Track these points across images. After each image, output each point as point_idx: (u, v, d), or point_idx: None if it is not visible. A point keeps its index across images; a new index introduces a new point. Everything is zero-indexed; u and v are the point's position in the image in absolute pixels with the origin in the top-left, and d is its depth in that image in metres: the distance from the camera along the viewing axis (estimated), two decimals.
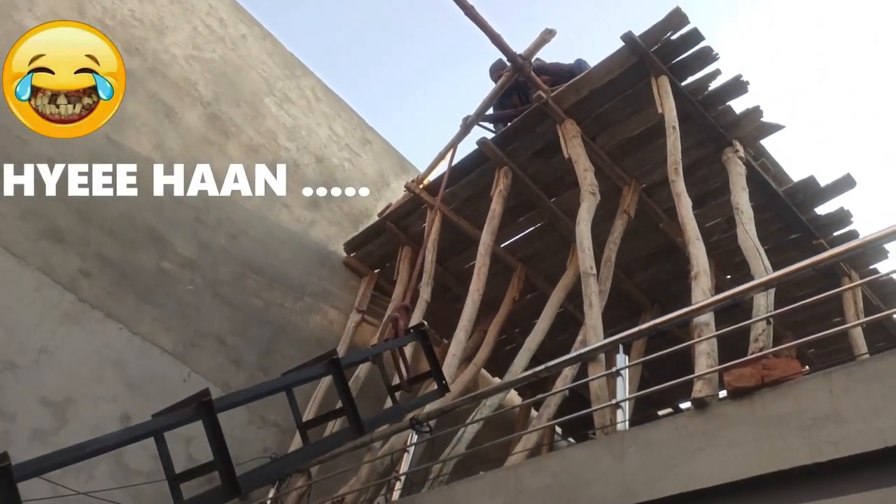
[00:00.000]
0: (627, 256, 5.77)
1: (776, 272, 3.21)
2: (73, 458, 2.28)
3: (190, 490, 2.76)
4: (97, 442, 2.33)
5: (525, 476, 3.15)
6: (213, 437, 2.57)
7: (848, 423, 2.24)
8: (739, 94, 4.83)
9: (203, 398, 2.58)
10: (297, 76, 7.63)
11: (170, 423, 2.58)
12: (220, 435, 2.59)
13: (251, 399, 2.96)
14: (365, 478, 4.61)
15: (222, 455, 2.57)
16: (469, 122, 6.00)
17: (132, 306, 5.30)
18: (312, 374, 3.28)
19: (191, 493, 2.72)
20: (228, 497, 2.60)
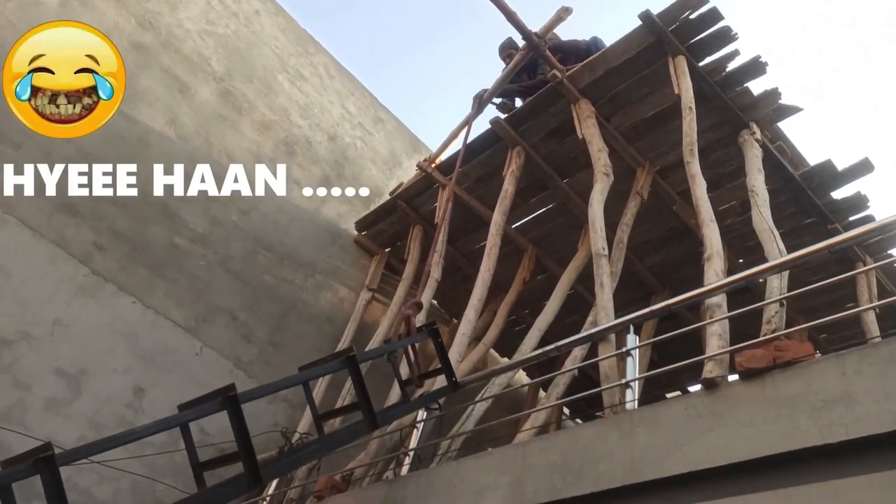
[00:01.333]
0: (639, 239, 5.74)
1: (791, 254, 3.18)
2: (109, 447, 2.44)
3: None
4: (132, 433, 2.51)
5: (533, 453, 3.17)
6: (238, 430, 2.68)
7: (859, 404, 2.23)
8: (758, 75, 4.75)
9: (229, 392, 2.68)
10: (311, 53, 7.59)
11: (196, 416, 2.69)
12: (244, 427, 2.69)
13: (272, 392, 3.08)
14: (374, 452, 4.65)
15: (246, 447, 2.68)
16: (483, 99, 5.95)
17: (145, 280, 5.35)
18: (329, 369, 3.39)
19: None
20: (251, 487, 2.73)
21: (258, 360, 5.69)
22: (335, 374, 4.62)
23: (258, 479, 2.71)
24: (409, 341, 3.82)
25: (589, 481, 2.84)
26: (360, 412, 3.27)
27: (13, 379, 4.50)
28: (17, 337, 4.60)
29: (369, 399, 3.27)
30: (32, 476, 2.28)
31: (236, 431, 2.69)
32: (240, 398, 2.71)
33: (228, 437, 5.48)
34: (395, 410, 3.83)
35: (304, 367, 3.30)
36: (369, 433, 3.46)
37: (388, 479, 3.97)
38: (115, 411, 4.87)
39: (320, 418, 3.43)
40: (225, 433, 5.52)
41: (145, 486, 4.72)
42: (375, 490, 3.81)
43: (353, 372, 3.26)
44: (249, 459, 2.69)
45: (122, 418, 4.84)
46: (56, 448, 2.46)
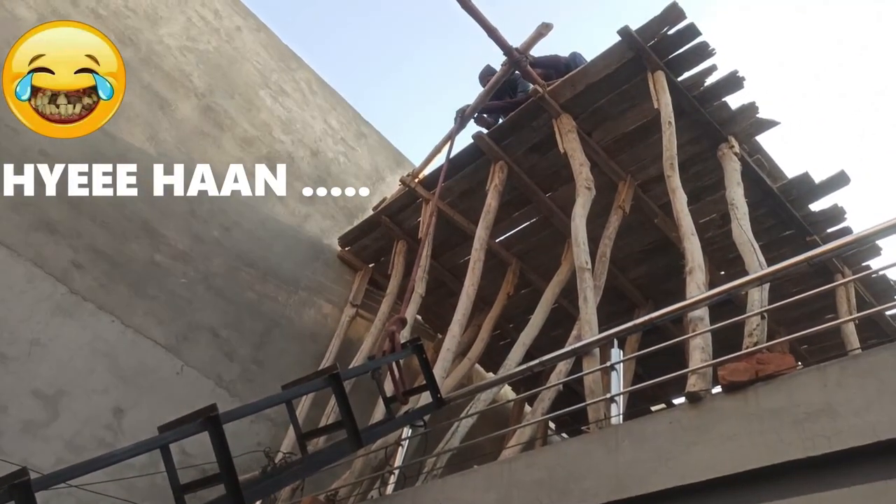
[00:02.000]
0: (622, 252, 5.78)
1: (771, 267, 3.21)
2: (88, 470, 2.39)
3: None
4: (111, 456, 2.47)
5: (519, 469, 3.15)
6: (219, 451, 2.66)
7: (841, 417, 2.25)
8: (735, 89, 4.83)
9: (210, 413, 2.66)
10: (293, 69, 7.59)
11: (176, 437, 2.66)
12: (226, 448, 2.67)
13: (254, 412, 3.04)
14: (359, 471, 4.61)
15: (227, 468, 2.66)
16: (466, 115, 5.98)
17: (125, 298, 5.27)
18: (313, 387, 3.37)
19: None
20: None
21: (241, 379, 5.62)
22: (319, 391, 4.58)
23: (240, 502, 2.68)
24: (394, 358, 3.82)
25: (575, 497, 2.83)
26: (345, 430, 3.24)
27: None
28: None
29: (353, 417, 3.25)
30: (7, 503, 2.22)
31: (218, 453, 2.66)
32: (221, 418, 2.68)
33: (210, 457, 5.39)
34: (379, 428, 3.80)
35: (287, 385, 3.27)
36: (354, 452, 3.43)
37: (374, 499, 3.93)
38: (94, 433, 4.77)
39: (304, 437, 3.39)
40: (207, 454, 5.43)
41: None
42: None
43: (336, 390, 3.24)
44: (231, 481, 2.66)
45: (101, 440, 4.75)
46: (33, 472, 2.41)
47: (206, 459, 5.23)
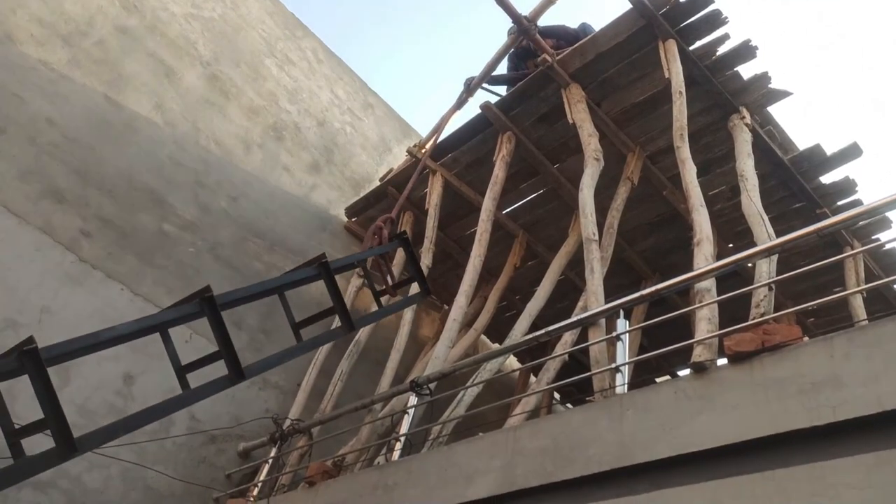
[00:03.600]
0: (629, 224, 5.75)
1: (780, 238, 3.19)
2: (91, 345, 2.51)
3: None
4: (112, 330, 2.55)
5: (523, 437, 3.18)
6: (216, 329, 2.77)
7: (847, 387, 2.25)
8: (748, 59, 4.74)
9: (205, 293, 2.76)
10: (298, 37, 7.51)
11: (175, 318, 2.76)
12: (223, 327, 2.78)
13: (248, 299, 3.10)
14: (365, 438, 4.67)
15: (226, 344, 2.78)
16: (472, 85, 5.91)
17: (133, 267, 5.30)
18: (304, 275, 3.44)
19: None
20: (234, 381, 2.84)
21: (248, 348, 5.67)
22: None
23: (241, 375, 2.81)
24: (381, 250, 3.90)
25: (579, 465, 2.85)
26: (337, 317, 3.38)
27: None
28: (3, 325, 4.56)
29: (344, 303, 3.41)
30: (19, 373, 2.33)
31: (215, 331, 2.77)
32: (217, 300, 2.80)
33: (217, 423, 5.48)
34: (371, 315, 3.93)
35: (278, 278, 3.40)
36: (346, 334, 3.58)
37: (380, 465, 3.99)
38: (105, 398, 4.84)
39: (297, 326, 3.48)
40: (214, 420, 5.54)
41: (136, 472, 4.71)
42: (367, 475, 3.82)
43: (327, 278, 3.33)
44: (230, 356, 2.77)
45: (111, 405, 4.82)
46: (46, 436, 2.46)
47: (214, 425, 5.31)
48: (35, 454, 2.36)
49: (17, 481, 2.31)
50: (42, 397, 2.36)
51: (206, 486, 4.98)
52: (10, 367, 2.32)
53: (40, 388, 2.32)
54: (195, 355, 5.50)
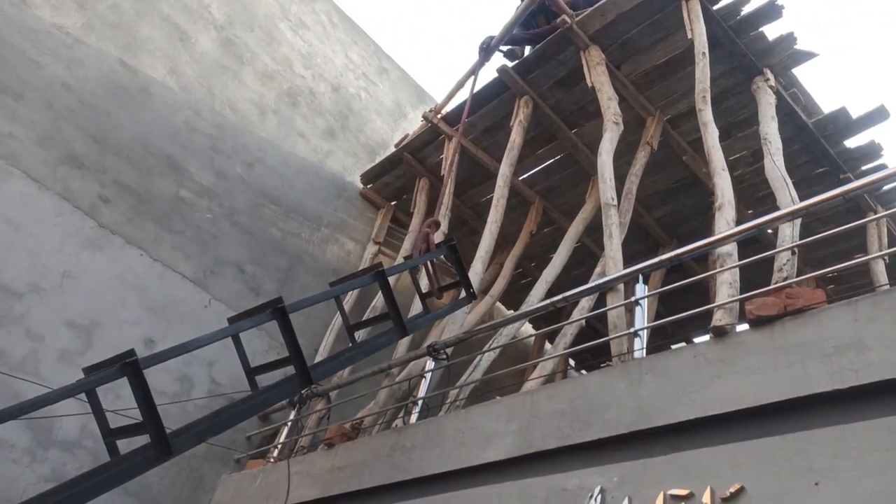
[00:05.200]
0: (648, 190, 5.69)
1: (804, 201, 3.13)
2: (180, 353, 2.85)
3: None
4: (197, 341, 2.88)
5: (541, 401, 3.20)
6: (287, 336, 3.03)
7: (871, 350, 2.23)
8: (773, 19, 4.62)
9: (277, 304, 3.03)
10: (312, 0, 7.40)
11: (250, 325, 3.07)
12: (292, 334, 3.04)
13: (311, 304, 3.40)
14: (383, 402, 4.72)
15: (295, 350, 3.03)
16: (491, 46, 5.80)
17: (151, 233, 5.34)
18: (361, 283, 3.75)
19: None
20: (303, 385, 3.13)
21: None
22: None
23: (309, 379, 3.06)
24: (429, 257, 4.05)
25: (596, 428, 2.87)
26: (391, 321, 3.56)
27: (26, 330, 4.54)
28: (27, 289, 4.63)
29: (398, 309, 3.57)
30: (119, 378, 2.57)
31: (286, 339, 3.03)
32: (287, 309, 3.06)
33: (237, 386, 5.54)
34: (422, 318, 4.05)
35: (335, 282, 3.63)
36: (400, 339, 3.81)
37: (397, 428, 4.04)
38: None
39: (352, 328, 3.73)
40: (234, 383, 5.60)
41: None
42: (385, 438, 3.87)
43: (382, 284, 3.54)
44: (299, 361, 3.03)
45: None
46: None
47: (235, 388, 5.39)
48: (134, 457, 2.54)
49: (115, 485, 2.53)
50: (141, 404, 2.60)
51: (228, 447, 5.08)
52: (113, 376, 2.59)
53: (140, 396, 2.57)
54: (214, 320, 5.56)
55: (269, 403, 3.32)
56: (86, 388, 2.68)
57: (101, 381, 2.68)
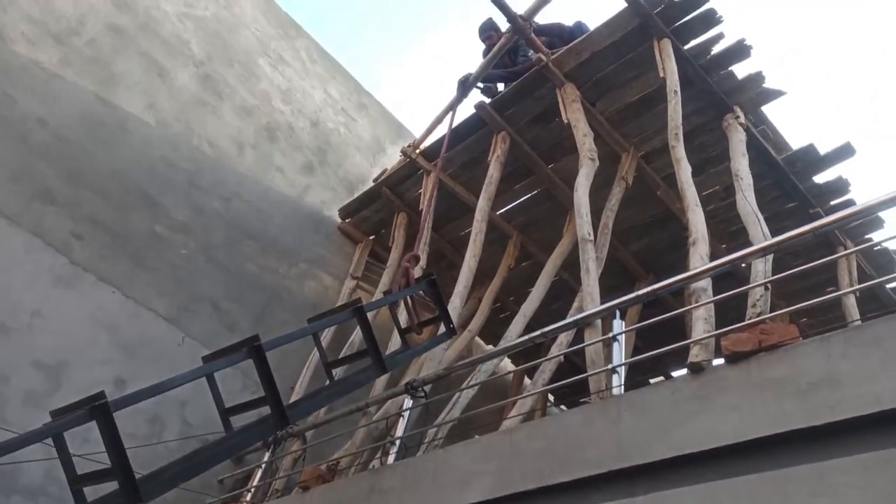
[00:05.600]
0: (623, 224, 5.74)
1: (776, 237, 3.18)
2: (153, 394, 2.71)
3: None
4: (171, 381, 2.75)
5: (520, 440, 3.16)
6: (263, 376, 2.91)
7: (844, 386, 2.24)
8: (742, 58, 4.76)
9: (254, 342, 2.91)
10: (292, 37, 7.47)
11: (223, 366, 2.94)
12: (268, 372, 2.91)
13: (289, 341, 3.26)
14: (360, 442, 4.64)
15: (272, 389, 2.92)
16: (468, 84, 5.89)
17: (125, 270, 5.26)
18: (340, 319, 3.64)
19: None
20: (280, 426, 2.99)
21: None
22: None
23: (285, 420, 2.94)
24: (409, 292, 3.98)
25: (576, 467, 2.84)
26: (369, 358, 3.44)
27: None
28: None
29: (377, 345, 3.46)
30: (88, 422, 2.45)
31: (262, 377, 2.91)
32: (264, 347, 2.94)
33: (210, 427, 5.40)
34: (401, 355, 3.99)
35: (313, 318, 3.53)
36: (378, 376, 3.70)
37: (374, 469, 3.96)
38: None
39: (330, 365, 3.64)
40: (207, 424, 5.46)
41: None
42: (361, 480, 3.79)
43: (361, 321, 3.44)
44: (276, 402, 2.91)
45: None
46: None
47: (207, 429, 5.25)
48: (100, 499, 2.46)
49: None
50: (110, 449, 2.47)
51: (199, 491, 4.92)
52: (82, 419, 2.46)
53: (108, 439, 2.45)
54: (188, 359, 5.43)
55: (244, 445, 3.22)
56: (53, 432, 2.59)
57: (68, 425, 2.59)
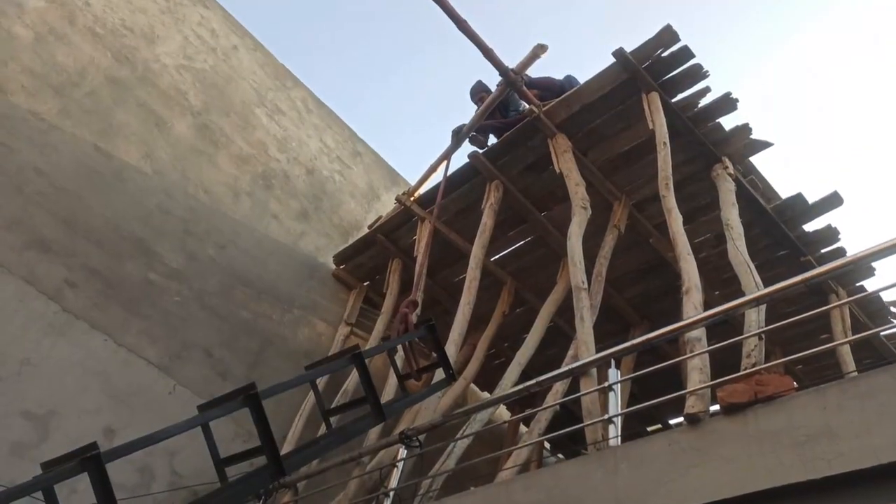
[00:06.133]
0: (617, 272, 5.78)
1: (769, 287, 3.21)
2: (146, 444, 2.71)
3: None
4: (164, 432, 2.73)
5: (516, 491, 3.12)
6: (259, 425, 2.89)
7: (841, 439, 2.24)
8: (729, 111, 4.88)
9: (250, 391, 2.90)
10: (288, 87, 7.62)
11: (220, 414, 2.92)
12: (265, 422, 2.90)
13: (286, 389, 3.26)
14: (353, 493, 4.55)
15: (268, 439, 2.90)
16: (462, 134, 6.01)
17: (118, 317, 5.23)
18: (338, 366, 3.64)
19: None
20: (275, 477, 2.97)
21: None
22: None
23: (282, 470, 2.91)
24: (408, 337, 3.98)
25: None
26: (368, 406, 3.43)
27: None
28: None
29: (376, 392, 3.45)
30: (79, 474, 2.43)
31: (259, 425, 2.89)
32: (260, 395, 2.93)
33: (200, 478, 5.33)
34: (400, 402, 4.01)
35: (311, 365, 3.52)
36: (377, 424, 3.67)
37: None
38: None
39: (327, 413, 3.61)
40: (197, 475, 5.38)
41: None
42: None
43: (359, 367, 3.42)
44: (272, 451, 2.88)
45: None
46: None
47: (198, 481, 5.17)
48: None
49: None
50: (102, 501, 2.46)
51: None
52: (74, 471, 2.46)
53: (100, 492, 2.44)
54: (179, 407, 5.38)
55: (239, 497, 3.15)
56: (44, 485, 2.54)
57: (60, 477, 2.55)
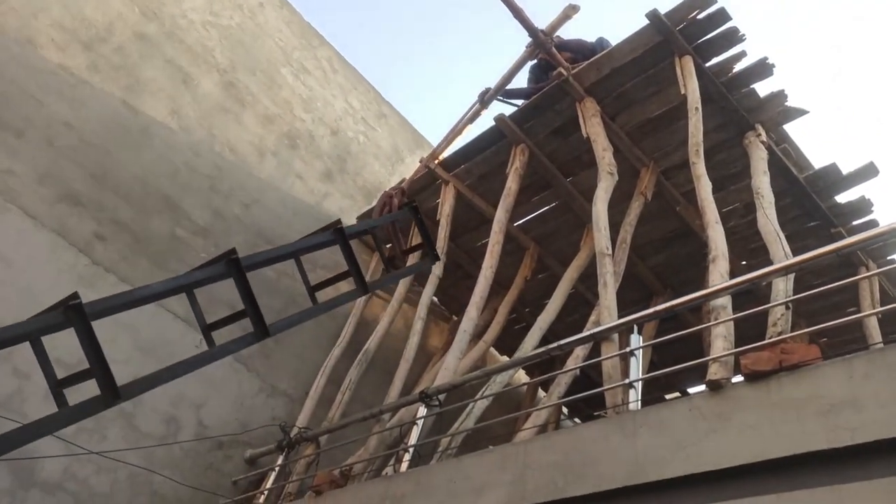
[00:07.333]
0: (642, 239, 5.73)
1: (798, 257, 3.16)
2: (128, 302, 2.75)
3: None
4: (147, 288, 2.79)
5: (534, 451, 3.16)
6: (242, 290, 2.96)
7: (866, 409, 2.22)
8: (764, 76, 4.74)
9: (231, 255, 2.96)
10: (314, 46, 7.56)
11: (202, 277, 2.94)
12: (248, 287, 2.96)
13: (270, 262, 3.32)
14: (373, 448, 4.65)
15: (252, 303, 2.97)
16: (487, 97, 5.92)
17: (145, 271, 5.32)
18: (319, 241, 3.65)
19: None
20: (260, 338, 3.05)
21: (258, 355, 5.67)
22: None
23: (265, 332, 2.98)
24: (392, 217, 4.07)
25: (590, 481, 2.83)
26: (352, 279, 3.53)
27: (13, 368, 4.48)
28: None
29: (359, 267, 3.57)
30: (65, 327, 2.46)
31: (241, 292, 2.95)
32: (242, 261, 2.99)
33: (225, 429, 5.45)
34: (384, 278, 4.02)
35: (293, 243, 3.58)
36: (360, 297, 3.80)
37: (387, 476, 3.96)
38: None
39: (313, 289, 3.67)
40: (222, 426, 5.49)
41: (143, 477, 4.70)
42: (374, 486, 3.80)
43: (342, 243, 3.50)
44: (256, 313, 2.96)
45: (121, 410, 4.81)
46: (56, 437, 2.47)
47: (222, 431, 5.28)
48: (81, 402, 2.45)
49: (63, 426, 2.44)
50: (87, 349, 2.52)
51: (213, 492, 4.96)
52: (57, 321, 2.47)
53: (85, 340, 2.48)
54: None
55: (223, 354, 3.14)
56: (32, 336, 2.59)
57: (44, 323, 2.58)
